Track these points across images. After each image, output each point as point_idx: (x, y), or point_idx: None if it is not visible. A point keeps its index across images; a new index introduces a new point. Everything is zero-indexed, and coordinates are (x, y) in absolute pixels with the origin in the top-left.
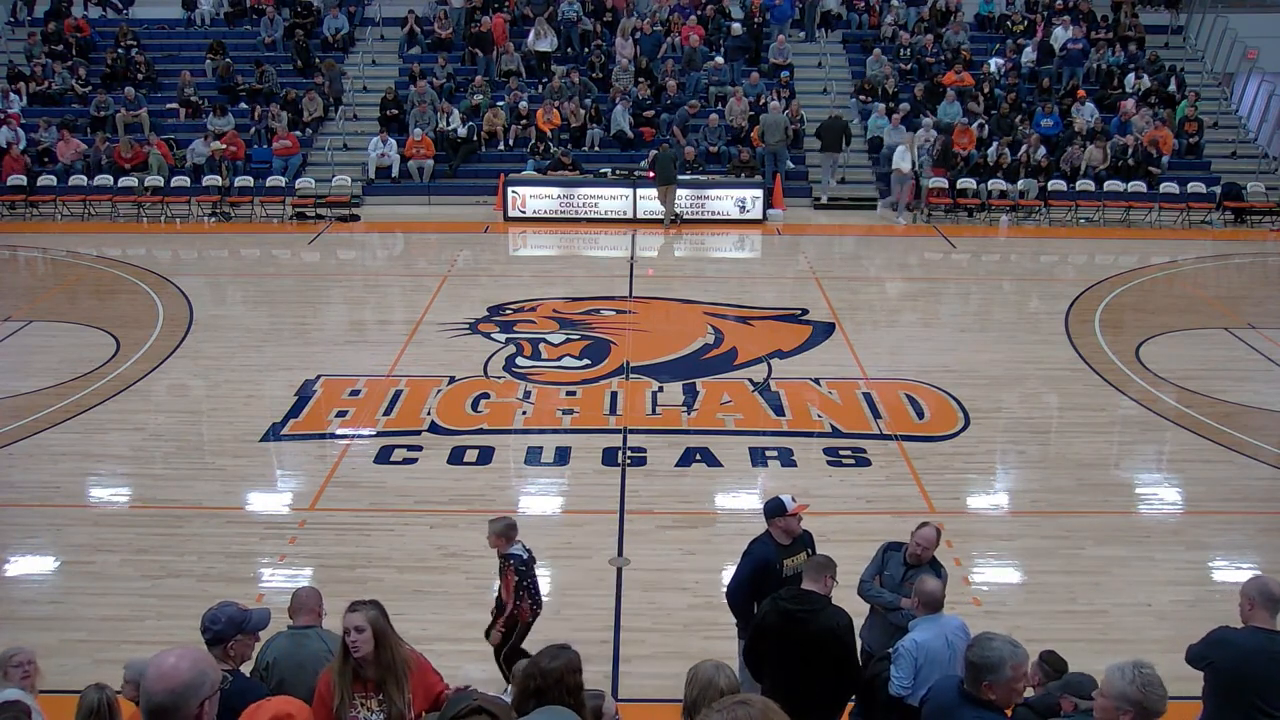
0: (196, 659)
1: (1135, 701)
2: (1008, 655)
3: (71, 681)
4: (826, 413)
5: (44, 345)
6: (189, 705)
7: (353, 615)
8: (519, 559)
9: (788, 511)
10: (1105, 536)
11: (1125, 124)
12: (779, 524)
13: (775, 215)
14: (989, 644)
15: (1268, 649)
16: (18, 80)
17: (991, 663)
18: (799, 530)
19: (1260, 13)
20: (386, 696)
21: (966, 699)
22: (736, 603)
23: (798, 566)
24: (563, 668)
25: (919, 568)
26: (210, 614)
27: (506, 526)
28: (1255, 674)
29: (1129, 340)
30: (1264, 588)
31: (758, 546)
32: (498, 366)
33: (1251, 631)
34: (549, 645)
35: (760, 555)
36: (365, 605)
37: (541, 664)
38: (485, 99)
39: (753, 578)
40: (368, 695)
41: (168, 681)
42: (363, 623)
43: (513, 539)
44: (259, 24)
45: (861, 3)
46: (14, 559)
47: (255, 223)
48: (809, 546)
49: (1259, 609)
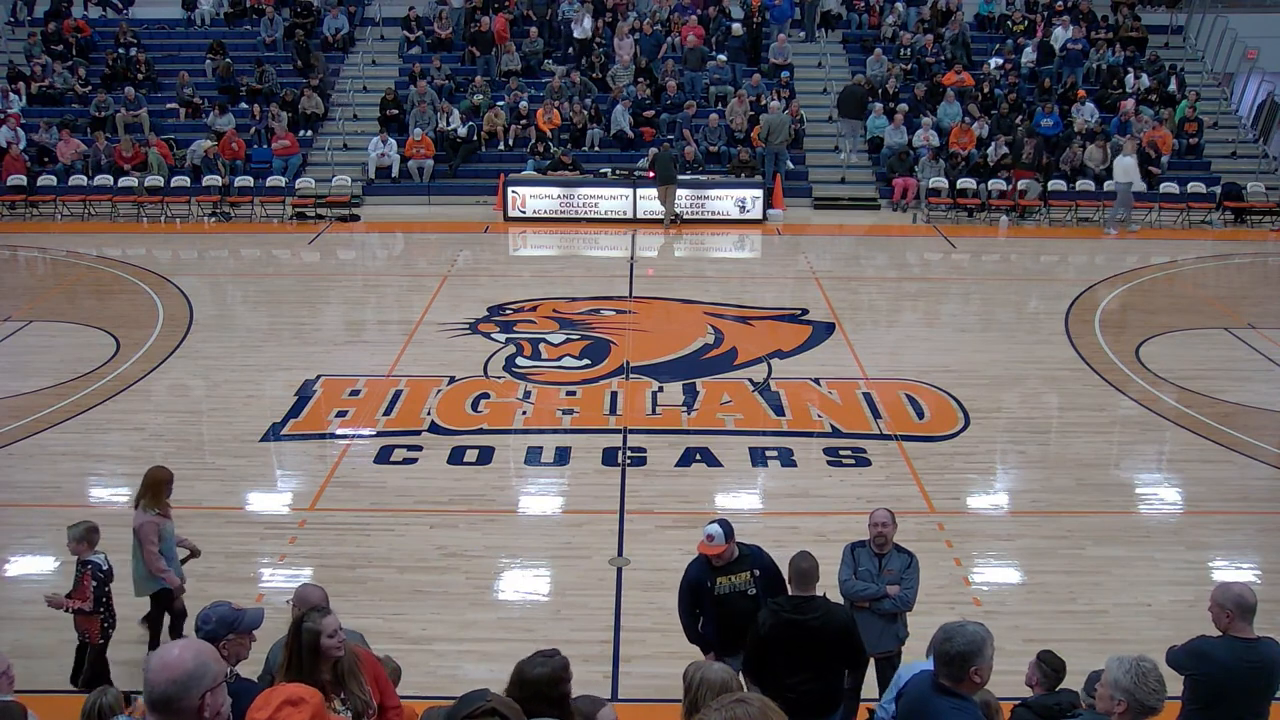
0: (200, 650)
1: (1127, 691)
2: (984, 634)
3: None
4: (826, 413)
5: (44, 345)
6: (191, 695)
7: (329, 620)
8: (97, 566)
9: (700, 547)
10: (1105, 536)
11: (1125, 124)
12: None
13: (775, 215)
14: (962, 631)
15: (1246, 659)
16: (18, 80)
17: (976, 646)
18: (730, 555)
19: (1260, 13)
20: (348, 692)
21: (942, 691)
22: (681, 618)
23: (734, 585)
24: (546, 677)
25: (888, 555)
26: (202, 614)
27: (87, 530)
28: (1236, 684)
29: (1129, 340)
30: (1241, 600)
31: (691, 567)
32: (498, 366)
33: (1229, 642)
34: (537, 650)
35: (690, 576)
36: (326, 609)
37: (525, 672)
38: (485, 99)
39: (688, 601)
40: (330, 695)
41: (170, 672)
42: (338, 626)
43: (94, 544)
44: (259, 24)
45: (861, 3)
46: (14, 559)
47: (255, 223)
48: (755, 566)
49: (1237, 620)
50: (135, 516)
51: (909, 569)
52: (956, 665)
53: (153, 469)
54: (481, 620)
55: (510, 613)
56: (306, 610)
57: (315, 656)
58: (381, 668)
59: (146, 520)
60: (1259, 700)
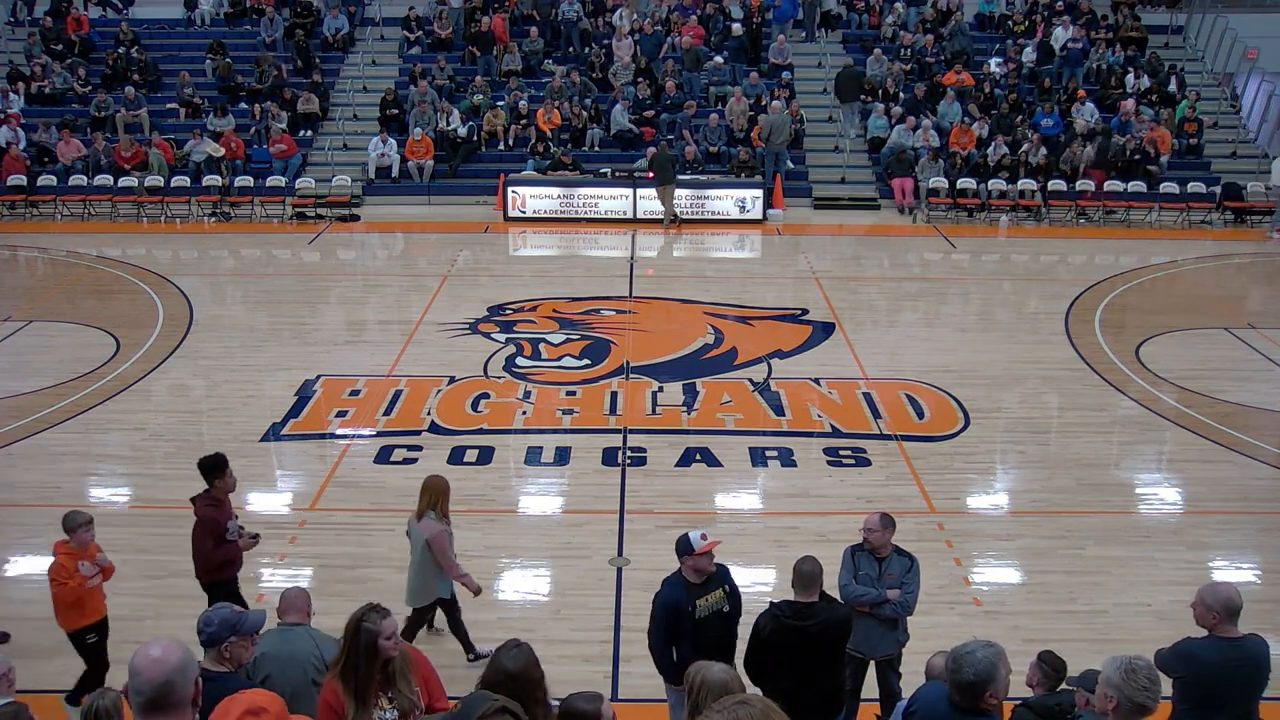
0: (175, 643)
1: (1117, 687)
2: (994, 657)
3: (71, 683)
4: (826, 413)
5: (44, 345)
6: (177, 691)
7: (388, 622)
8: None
9: (695, 550)
10: (1105, 536)
11: (1125, 124)
12: (688, 562)
13: (775, 215)
14: (972, 658)
15: (1232, 659)
16: (18, 80)
17: (988, 674)
18: (711, 568)
19: (1260, 13)
20: (396, 691)
21: (958, 709)
22: (654, 651)
23: (711, 605)
24: (525, 664)
25: (888, 558)
26: (204, 616)
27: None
28: (1224, 683)
29: (1129, 340)
30: (1230, 603)
31: (666, 589)
32: (498, 366)
33: (1215, 643)
34: (500, 646)
35: (668, 598)
36: (385, 610)
37: (507, 667)
38: (485, 99)
39: (665, 625)
40: (378, 694)
41: (161, 667)
42: (395, 628)
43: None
44: (259, 24)
45: (861, 3)
46: (14, 559)
47: (255, 223)
48: (725, 583)
49: (1224, 622)
50: (424, 526)
51: (909, 573)
52: (969, 693)
53: (433, 478)
54: (481, 620)
55: (510, 613)
56: (365, 610)
57: (371, 656)
58: (433, 669)
59: (440, 530)
60: (1247, 697)
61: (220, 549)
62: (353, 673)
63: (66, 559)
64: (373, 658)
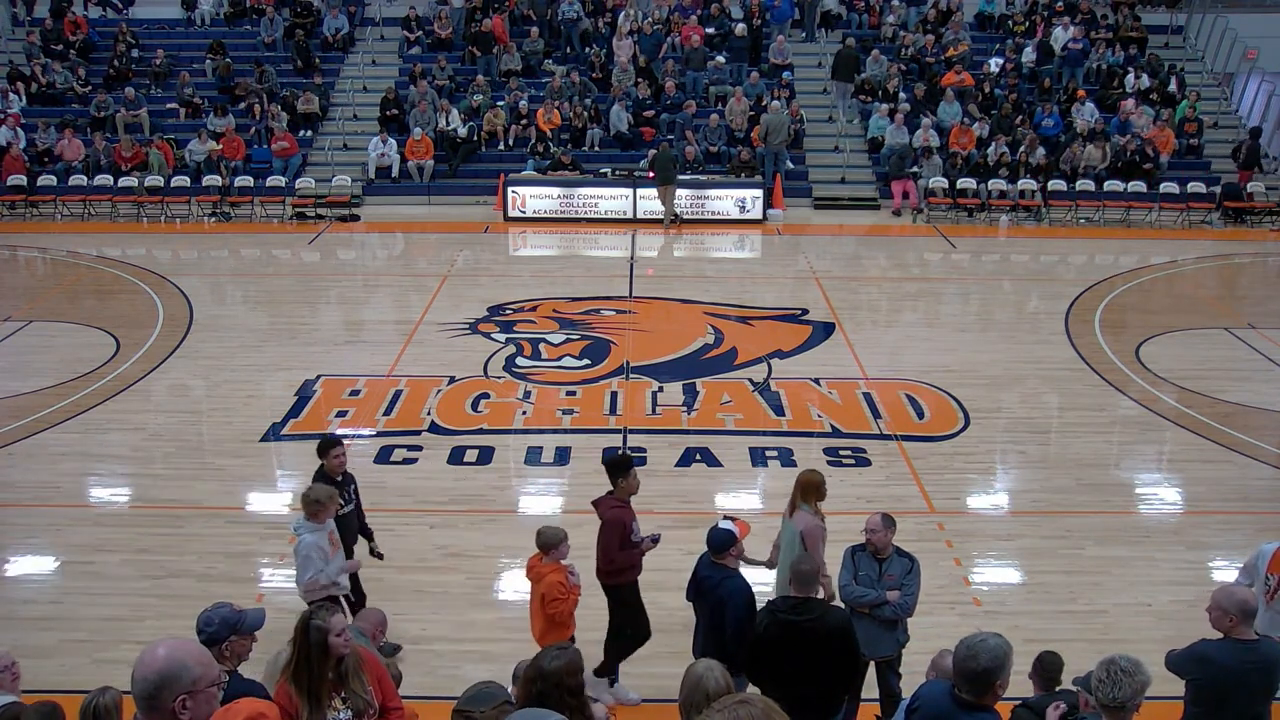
0: (176, 649)
1: (1092, 688)
2: (1006, 647)
3: (71, 682)
4: (826, 413)
5: (44, 345)
6: (163, 695)
7: (337, 619)
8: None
9: (739, 536)
10: (1105, 536)
11: (1125, 123)
12: (734, 552)
13: (775, 215)
14: (985, 647)
15: (1248, 660)
16: (17, 80)
17: (1000, 662)
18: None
19: (1260, 13)
20: (350, 691)
21: (964, 706)
22: (743, 646)
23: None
24: (563, 669)
25: (888, 559)
26: (204, 615)
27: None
28: (1239, 686)
29: (1129, 340)
30: (1243, 604)
31: (744, 582)
32: (498, 366)
33: (1231, 645)
34: (550, 645)
35: (751, 592)
36: (334, 607)
37: (542, 665)
38: (485, 99)
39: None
40: (331, 694)
41: (143, 669)
42: (345, 625)
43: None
44: (259, 24)
45: (861, 3)
46: (14, 559)
47: (255, 223)
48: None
49: (1241, 624)
50: (799, 518)
51: (910, 574)
52: (981, 681)
53: (808, 472)
54: (481, 620)
55: (510, 613)
56: (314, 608)
57: (322, 654)
58: (384, 669)
59: (815, 524)
60: (1261, 701)
61: (624, 552)
62: (305, 673)
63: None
64: (324, 656)
